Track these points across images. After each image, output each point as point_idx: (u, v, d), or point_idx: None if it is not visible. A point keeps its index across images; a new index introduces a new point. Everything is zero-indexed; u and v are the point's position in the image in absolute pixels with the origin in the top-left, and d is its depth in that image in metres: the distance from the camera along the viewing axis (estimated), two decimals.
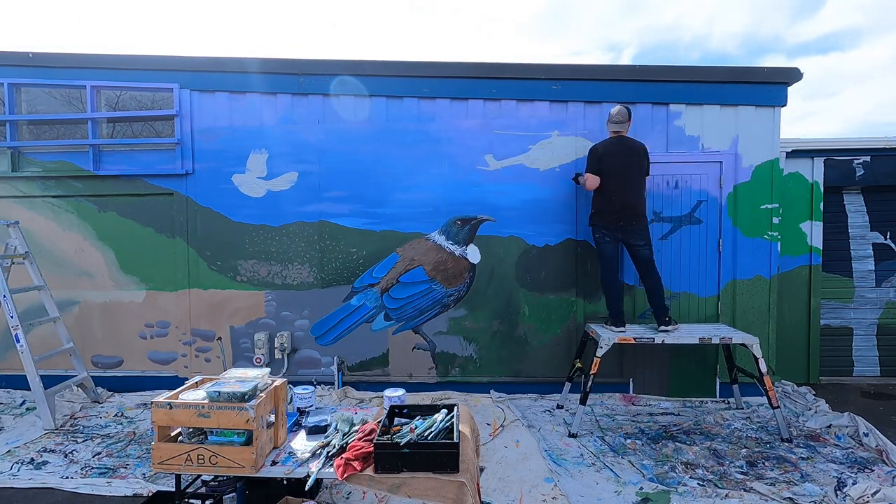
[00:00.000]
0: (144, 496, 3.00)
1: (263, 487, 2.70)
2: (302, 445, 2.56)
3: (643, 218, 4.17)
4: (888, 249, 5.25)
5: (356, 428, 2.63)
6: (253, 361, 4.90)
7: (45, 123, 5.14)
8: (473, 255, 4.81)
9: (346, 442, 2.48)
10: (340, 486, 3.08)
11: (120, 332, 5.12)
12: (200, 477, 2.80)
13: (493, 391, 4.82)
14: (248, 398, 2.32)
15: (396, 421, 2.62)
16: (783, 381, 4.95)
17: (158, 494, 2.84)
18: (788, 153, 4.95)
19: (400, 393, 2.95)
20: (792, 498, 2.96)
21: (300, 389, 3.03)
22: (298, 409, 2.97)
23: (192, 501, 2.67)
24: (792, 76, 4.57)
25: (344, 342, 4.94)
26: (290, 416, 2.86)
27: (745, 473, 3.29)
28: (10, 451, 3.73)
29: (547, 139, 4.74)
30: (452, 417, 2.54)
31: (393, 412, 2.68)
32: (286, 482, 2.66)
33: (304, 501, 2.66)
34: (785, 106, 4.62)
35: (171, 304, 5.05)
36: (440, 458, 2.24)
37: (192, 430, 2.40)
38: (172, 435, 2.44)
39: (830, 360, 5.28)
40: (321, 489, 3.04)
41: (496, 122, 4.77)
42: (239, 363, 4.99)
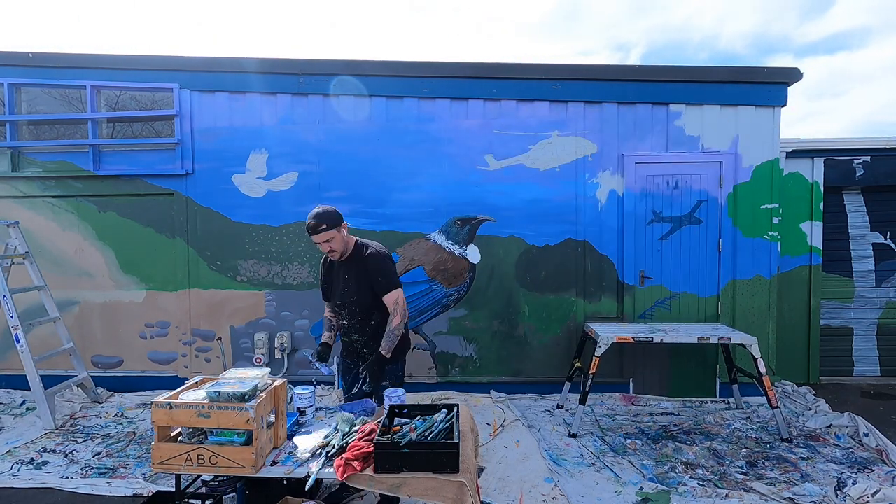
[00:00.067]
0: (144, 496, 3.00)
1: (263, 487, 2.70)
2: (302, 445, 2.56)
3: None
4: (888, 249, 5.25)
5: (356, 428, 2.63)
6: (253, 361, 4.90)
7: (45, 123, 5.14)
8: (473, 255, 4.81)
9: (346, 442, 2.48)
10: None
11: (120, 332, 5.12)
12: (200, 477, 2.80)
13: (493, 391, 4.82)
14: (248, 398, 2.31)
15: (396, 421, 2.62)
16: (783, 381, 4.95)
17: (158, 494, 2.84)
18: (788, 153, 4.95)
19: (400, 393, 2.95)
20: (792, 498, 2.96)
21: (300, 389, 3.02)
22: (298, 409, 2.97)
23: (192, 501, 2.67)
24: (792, 76, 4.57)
25: None
26: (290, 416, 2.86)
27: (745, 473, 3.29)
28: (10, 451, 3.74)
29: (547, 139, 4.74)
30: (452, 417, 2.54)
31: (393, 412, 2.68)
32: (286, 482, 2.66)
33: (304, 501, 2.66)
34: (785, 106, 4.62)
35: (171, 304, 5.05)
36: (440, 458, 2.24)
37: (192, 430, 2.40)
38: (172, 435, 2.43)
39: (830, 360, 5.28)
40: (321, 489, 3.04)
41: (496, 122, 4.77)
42: (239, 363, 4.99)
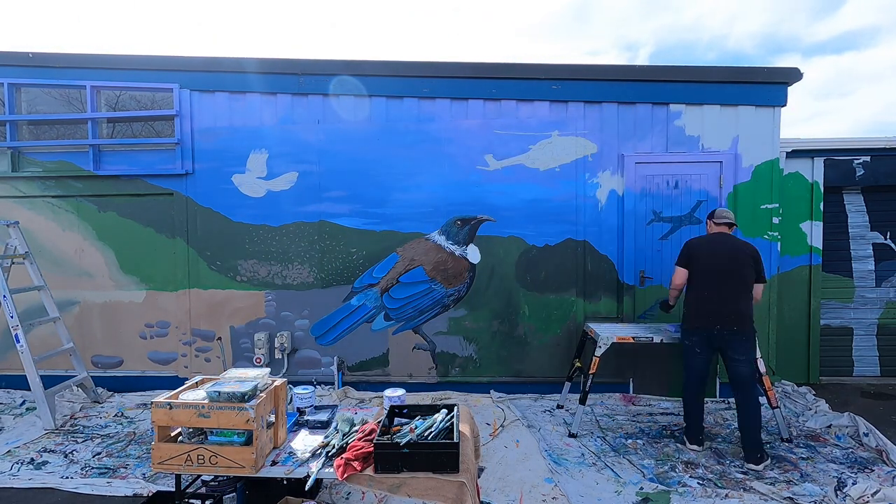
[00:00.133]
0: (144, 496, 3.00)
1: (263, 487, 2.70)
2: (302, 445, 2.56)
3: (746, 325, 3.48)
4: (888, 249, 5.25)
5: (356, 428, 2.63)
6: (253, 361, 4.90)
7: (45, 123, 5.14)
8: (473, 255, 4.81)
9: (346, 442, 2.48)
10: (340, 486, 3.08)
11: (120, 332, 5.12)
12: (200, 477, 2.81)
13: (493, 391, 4.82)
14: (248, 398, 2.32)
15: (396, 421, 2.62)
16: (783, 381, 4.95)
17: (158, 494, 2.85)
18: (788, 153, 4.94)
19: (400, 393, 2.95)
20: (792, 498, 2.96)
21: (300, 389, 3.03)
22: (298, 409, 2.97)
23: (192, 501, 2.67)
24: (792, 76, 4.57)
25: (344, 342, 4.94)
26: (290, 416, 2.86)
27: (745, 473, 3.29)
28: (10, 451, 3.73)
29: (547, 139, 4.74)
30: (452, 417, 2.54)
31: (393, 412, 2.68)
32: (286, 482, 2.66)
33: (304, 501, 2.66)
34: (785, 106, 4.62)
35: (171, 304, 5.05)
36: (440, 458, 2.24)
37: (192, 430, 2.40)
38: (172, 435, 2.44)
39: (830, 360, 5.28)
40: (321, 489, 3.04)
41: (496, 122, 4.77)
42: (239, 363, 4.99)
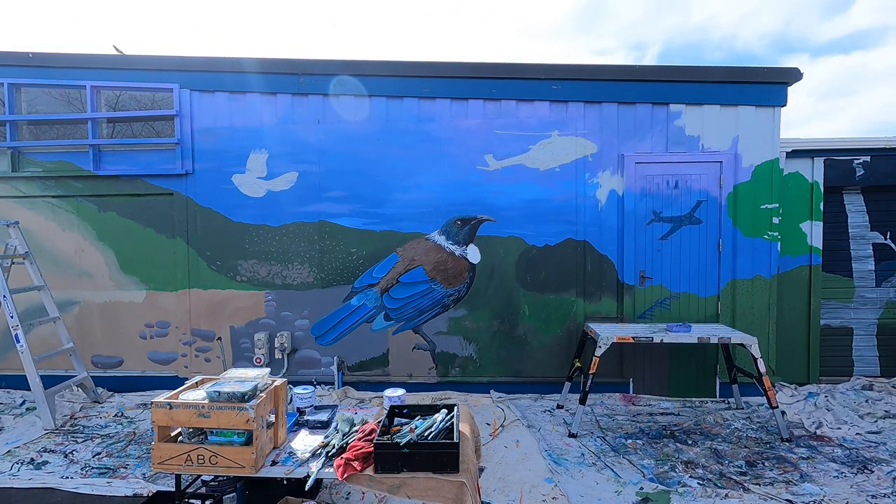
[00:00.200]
0: (144, 496, 3.00)
1: (263, 487, 2.70)
2: (302, 445, 2.56)
3: None
4: (888, 249, 5.25)
5: (356, 428, 2.63)
6: (253, 361, 4.90)
7: (45, 123, 5.14)
8: (473, 255, 4.81)
9: (346, 442, 2.48)
10: (340, 486, 3.08)
11: (120, 332, 5.12)
12: (200, 477, 2.81)
13: (493, 391, 4.82)
14: (248, 398, 2.32)
15: (396, 421, 2.62)
16: (781, 382, 4.94)
17: (158, 494, 2.85)
18: (788, 153, 4.94)
19: (400, 393, 2.95)
20: (791, 499, 2.96)
21: (300, 389, 3.03)
22: (298, 409, 2.97)
23: (192, 501, 2.67)
24: (792, 76, 4.57)
25: (344, 342, 4.94)
26: (290, 416, 2.86)
27: (744, 473, 3.29)
28: (10, 451, 3.74)
29: (547, 139, 4.74)
30: (452, 417, 2.54)
31: (393, 412, 2.68)
32: (286, 482, 2.66)
33: (304, 501, 2.66)
34: (785, 106, 4.62)
35: (171, 304, 5.05)
36: (440, 458, 2.24)
37: (192, 430, 2.40)
38: (172, 435, 2.44)
39: (830, 360, 5.27)
40: (321, 489, 3.04)
41: (496, 122, 4.77)
42: (239, 363, 4.99)
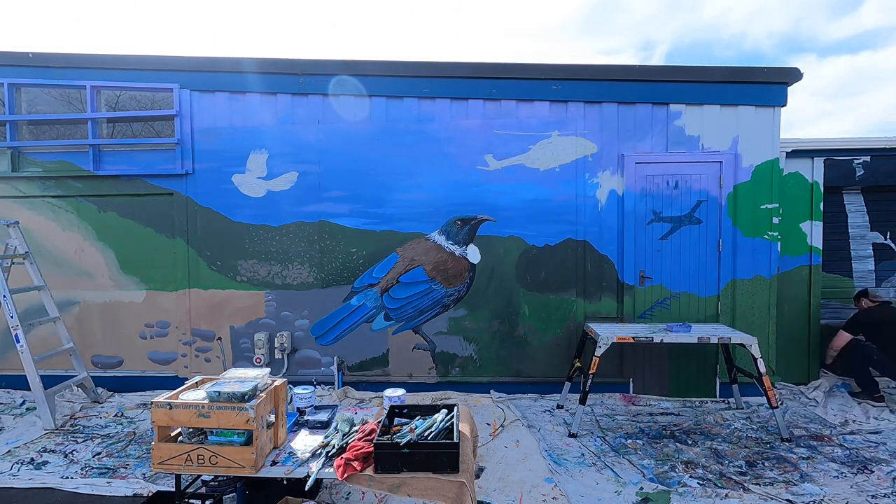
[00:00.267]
0: (144, 496, 3.00)
1: (263, 487, 2.70)
2: (302, 445, 2.56)
3: None
4: (888, 249, 5.25)
5: (356, 428, 2.63)
6: (253, 361, 4.90)
7: (45, 123, 5.14)
8: (473, 255, 4.81)
9: (346, 442, 2.48)
10: (340, 486, 3.08)
11: (120, 332, 5.12)
12: (200, 477, 2.81)
13: (493, 391, 4.82)
14: (248, 398, 2.32)
15: (396, 421, 2.63)
16: (781, 381, 4.94)
17: (158, 494, 2.85)
18: (788, 153, 4.94)
19: (400, 393, 2.95)
20: (791, 499, 2.96)
21: (300, 389, 3.03)
22: (298, 409, 2.97)
23: (192, 501, 2.67)
24: (792, 76, 4.57)
25: (344, 342, 4.94)
26: (290, 416, 2.86)
27: (744, 473, 3.29)
28: (10, 451, 3.73)
29: (547, 139, 4.74)
30: (452, 417, 2.54)
31: (393, 412, 2.69)
32: (286, 482, 2.66)
33: (304, 501, 2.66)
34: (785, 106, 4.62)
35: (171, 304, 5.05)
36: (440, 458, 2.24)
37: (192, 430, 2.40)
38: (172, 435, 2.44)
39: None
40: (321, 489, 3.04)
41: (496, 122, 4.77)
42: (239, 363, 4.99)
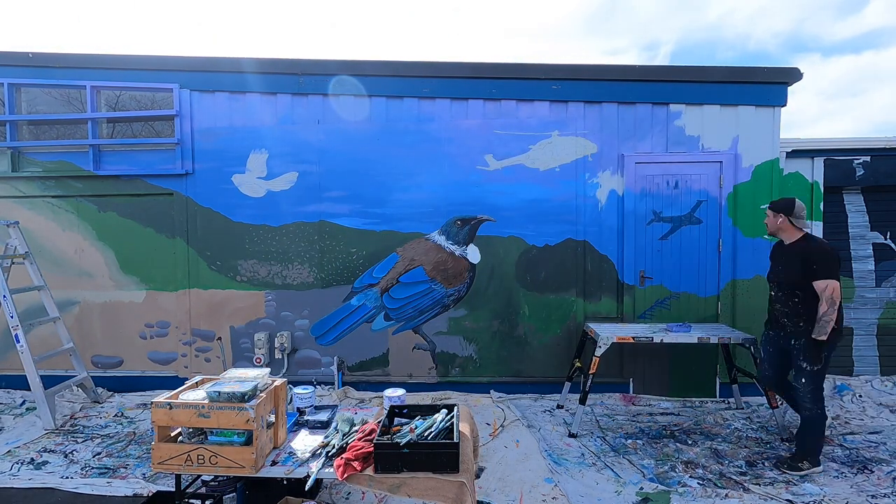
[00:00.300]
0: (144, 496, 3.00)
1: (263, 487, 2.70)
2: (302, 445, 2.56)
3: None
4: (888, 249, 5.24)
5: (356, 428, 2.63)
6: (253, 361, 4.90)
7: (45, 123, 5.14)
8: (473, 255, 4.81)
9: (346, 442, 2.48)
10: (340, 486, 3.08)
11: (120, 332, 5.12)
12: (200, 477, 2.81)
13: (493, 391, 4.82)
14: (248, 398, 2.32)
15: (396, 421, 2.63)
16: None
17: (158, 494, 2.85)
18: (788, 153, 4.93)
19: (400, 393, 2.95)
20: (791, 499, 2.96)
21: (300, 389, 3.03)
22: (298, 409, 2.97)
23: (192, 501, 2.67)
24: (792, 76, 4.57)
25: (344, 342, 4.94)
26: (290, 416, 2.86)
27: (744, 473, 3.30)
28: (10, 451, 3.73)
29: (547, 139, 4.74)
30: (452, 417, 2.54)
31: (393, 412, 2.68)
32: (286, 482, 2.66)
33: (304, 501, 2.66)
34: (785, 106, 4.62)
35: (171, 304, 5.05)
36: (440, 458, 2.24)
37: (192, 430, 2.40)
38: (172, 435, 2.44)
39: (830, 359, 5.26)
40: (321, 489, 3.04)
41: (496, 122, 4.77)
42: (239, 363, 4.99)
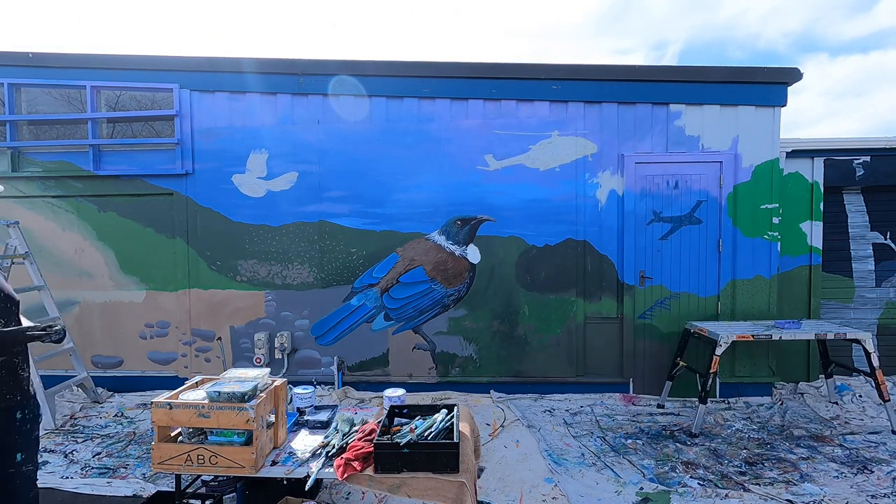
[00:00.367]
0: (144, 496, 3.00)
1: (263, 487, 2.70)
2: (302, 445, 2.56)
3: None
4: (888, 249, 5.24)
5: (356, 428, 2.63)
6: (253, 361, 4.90)
7: (45, 123, 5.14)
8: (473, 255, 4.81)
9: (346, 442, 2.48)
10: (340, 486, 3.08)
11: (120, 332, 5.12)
12: (200, 477, 2.81)
13: (493, 391, 4.82)
14: (248, 398, 2.32)
15: (396, 421, 2.63)
16: (781, 381, 4.94)
17: (158, 494, 2.84)
18: (788, 153, 4.94)
19: (400, 393, 2.95)
20: (791, 499, 2.96)
21: (300, 389, 3.03)
22: (298, 409, 2.97)
23: (192, 501, 2.67)
24: (792, 76, 4.57)
25: (344, 342, 4.94)
26: (290, 416, 2.87)
27: (744, 473, 3.30)
28: None
29: (547, 139, 4.74)
30: (452, 417, 2.54)
31: (393, 412, 2.69)
32: (286, 482, 2.66)
33: (304, 501, 2.66)
34: (785, 106, 4.63)
35: (171, 304, 5.05)
36: (440, 458, 2.25)
37: (192, 430, 2.40)
38: (172, 435, 2.44)
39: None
40: (321, 489, 3.04)
41: (496, 122, 4.77)
42: (239, 363, 4.99)
